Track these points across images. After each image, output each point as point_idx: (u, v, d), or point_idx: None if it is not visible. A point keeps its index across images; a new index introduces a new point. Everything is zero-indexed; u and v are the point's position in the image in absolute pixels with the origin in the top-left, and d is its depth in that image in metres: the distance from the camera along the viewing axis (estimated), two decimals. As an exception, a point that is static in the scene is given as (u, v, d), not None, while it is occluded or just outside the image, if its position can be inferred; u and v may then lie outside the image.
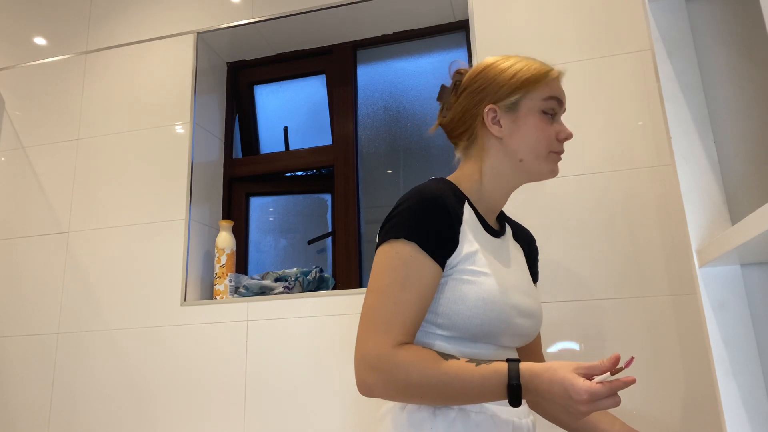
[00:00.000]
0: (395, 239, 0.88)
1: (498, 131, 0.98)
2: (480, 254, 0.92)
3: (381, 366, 0.83)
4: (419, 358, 0.83)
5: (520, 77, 0.98)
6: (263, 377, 1.62)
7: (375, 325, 0.85)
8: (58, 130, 2.04)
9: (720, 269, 0.79)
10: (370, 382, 0.84)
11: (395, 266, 0.87)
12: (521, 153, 0.98)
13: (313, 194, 2.14)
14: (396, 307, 0.85)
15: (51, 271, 1.90)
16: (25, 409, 1.80)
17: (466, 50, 1.99)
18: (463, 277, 0.90)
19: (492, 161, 1.00)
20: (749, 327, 0.76)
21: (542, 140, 0.97)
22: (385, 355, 0.83)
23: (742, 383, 0.73)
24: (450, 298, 0.89)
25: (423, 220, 0.88)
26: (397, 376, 0.82)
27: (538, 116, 0.98)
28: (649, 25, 0.91)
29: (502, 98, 0.98)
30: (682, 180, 0.83)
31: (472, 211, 0.97)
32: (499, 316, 0.90)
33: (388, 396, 0.85)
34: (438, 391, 0.83)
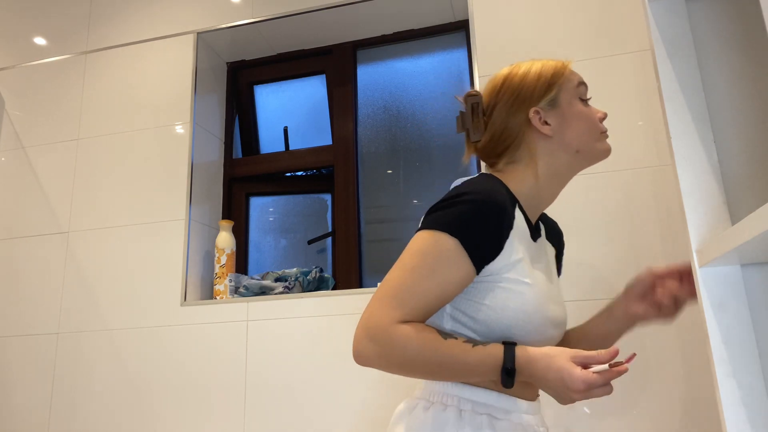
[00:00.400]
0: (440, 230, 0.87)
1: (549, 130, 0.97)
2: (524, 263, 0.91)
3: (379, 338, 0.83)
4: (418, 335, 0.83)
5: (546, 75, 0.99)
6: (263, 377, 1.62)
7: (387, 299, 0.85)
8: (58, 130, 2.04)
9: (720, 269, 0.79)
10: (366, 353, 0.84)
11: (429, 252, 0.86)
12: (576, 143, 0.98)
13: (313, 194, 2.14)
14: (414, 289, 0.85)
15: (51, 271, 1.89)
16: (25, 409, 1.80)
17: (466, 50, 1.99)
18: (506, 286, 0.89)
19: (546, 161, 0.99)
20: (749, 327, 0.76)
21: (591, 124, 0.99)
22: (385, 327, 0.83)
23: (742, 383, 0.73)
24: (491, 306, 0.89)
25: (476, 222, 0.87)
26: (394, 349, 0.83)
27: (579, 104, 0.99)
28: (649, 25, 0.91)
29: (540, 99, 0.98)
30: (682, 180, 0.83)
31: (522, 216, 0.96)
32: (537, 328, 0.90)
33: (383, 367, 0.86)
34: (432, 368, 0.84)
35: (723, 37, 0.88)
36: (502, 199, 0.89)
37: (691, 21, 0.90)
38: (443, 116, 2.00)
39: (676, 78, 0.88)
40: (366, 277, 1.93)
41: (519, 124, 0.99)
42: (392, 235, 1.96)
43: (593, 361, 0.80)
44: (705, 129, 0.85)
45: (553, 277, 1.03)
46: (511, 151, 1.00)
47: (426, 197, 1.97)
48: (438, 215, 0.89)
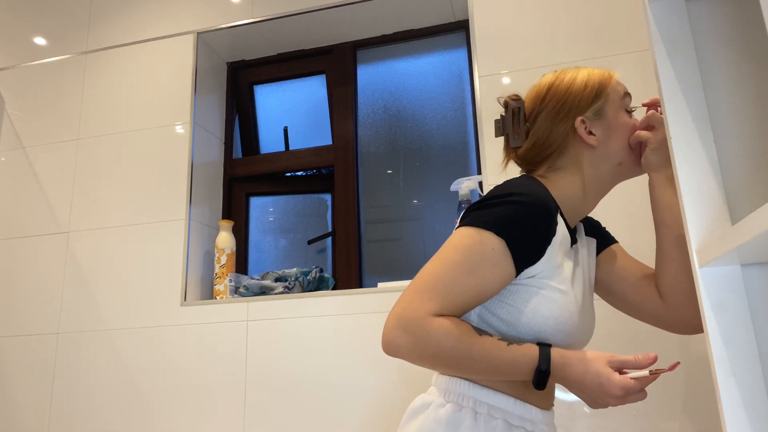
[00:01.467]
0: (485, 228, 0.85)
1: (594, 140, 0.97)
2: (559, 270, 0.90)
3: (414, 330, 0.82)
4: (454, 329, 0.82)
5: (593, 85, 0.98)
6: (263, 377, 1.62)
7: (425, 291, 0.83)
8: (58, 130, 2.04)
9: (720, 269, 0.79)
10: (398, 343, 0.82)
11: (473, 249, 0.84)
12: (620, 156, 0.98)
13: (313, 194, 2.14)
14: (453, 284, 0.84)
15: (51, 271, 1.89)
16: (25, 409, 1.80)
17: (466, 50, 1.99)
18: (540, 292, 0.88)
19: (591, 171, 0.98)
20: (749, 327, 0.76)
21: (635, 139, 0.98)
22: (421, 319, 0.82)
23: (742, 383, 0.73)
24: (522, 310, 0.88)
25: (524, 224, 0.86)
26: (429, 342, 0.81)
27: (624, 115, 0.99)
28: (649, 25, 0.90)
29: (586, 108, 0.97)
30: (682, 180, 0.83)
31: (564, 223, 0.94)
32: (566, 338, 0.90)
33: (413, 359, 0.85)
34: (466, 364, 0.83)
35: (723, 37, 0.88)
36: (550, 203, 0.89)
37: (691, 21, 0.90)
38: (443, 116, 2.00)
39: (676, 78, 0.87)
40: (366, 277, 1.93)
41: (564, 132, 0.97)
42: (392, 235, 1.96)
43: (630, 366, 0.80)
44: (705, 129, 0.85)
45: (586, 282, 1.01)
46: (553, 159, 0.99)
47: (426, 197, 1.97)
48: (484, 213, 0.87)
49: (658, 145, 0.95)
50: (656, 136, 0.95)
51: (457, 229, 0.90)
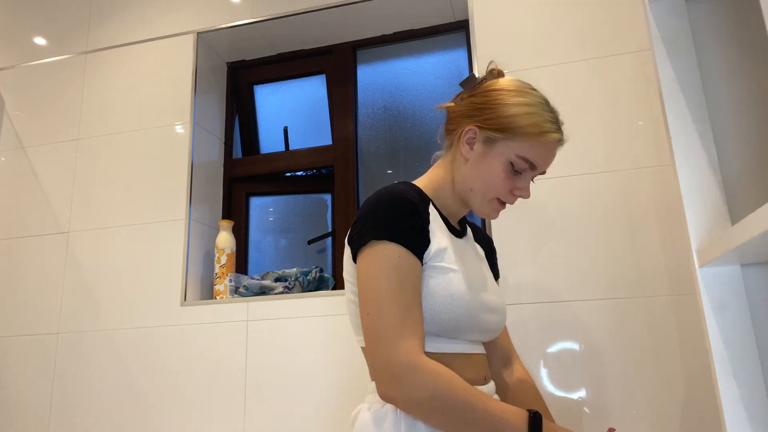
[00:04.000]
0: (377, 241, 0.87)
1: (467, 153, 0.98)
2: (448, 251, 0.93)
3: (406, 376, 0.81)
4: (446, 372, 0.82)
5: (513, 121, 0.95)
6: (263, 377, 1.62)
7: (389, 333, 0.83)
8: (58, 130, 2.04)
9: (720, 269, 0.79)
10: (390, 394, 0.83)
11: (387, 270, 0.85)
12: (473, 184, 0.98)
13: (313, 194, 2.14)
14: (402, 310, 0.84)
15: (51, 271, 1.89)
16: (25, 409, 1.80)
17: (466, 50, 1.99)
18: (432, 274, 0.90)
19: (459, 176, 1.00)
20: (749, 327, 0.76)
21: (494, 187, 0.97)
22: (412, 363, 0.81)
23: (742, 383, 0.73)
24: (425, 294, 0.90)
25: (399, 219, 0.88)
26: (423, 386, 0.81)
27: (504, 164, 0.96)
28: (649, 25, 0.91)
29: (488, 128, 0.96)
30: (682, 180, 0.83)
31: (437, 212, 0.99)
32: (468, 312, 0.92)
33: (407, 408, 0.84)
34: (459, 413, 0.81)
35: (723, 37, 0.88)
36: (410, 195, 0.91)
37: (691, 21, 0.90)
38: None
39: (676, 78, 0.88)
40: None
41: (460, 124, 1.00)
42: (392, 235, 1.96)
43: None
44: (705, 129, 0.86)
45: (486, 271, 1.05)
46: (449, 141, 1.02)
47: (426, 197, 1.96)
48: (365, 229, 0.89)
49: None
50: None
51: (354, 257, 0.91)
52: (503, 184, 0.96)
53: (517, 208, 1.52)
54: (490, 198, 0.98)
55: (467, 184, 0.99)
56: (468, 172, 0.98)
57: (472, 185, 0.98)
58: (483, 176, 0.97)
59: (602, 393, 1.37)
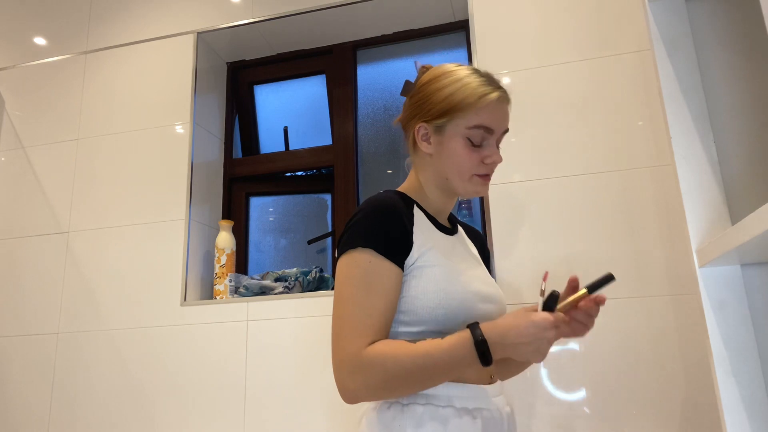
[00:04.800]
0: (352, 249, 0.91)
1: (427, 148, 1.01)
2: (434, 250, 0.95)
3: (358, 367, 0.85)
4: (390, 348, 0.85)
5: (449, 101, 0.98)
6: (263, 377, 1.62)
7: (346, 331, 0.87)
8: (58, 130, 2.04)
9: (720, 269, 0.79)
10: (352, 387, 0.85)
11: (355, 274, 0.89)
12: (446, 173, 1.01)
13: (313, 194, 2.14)
14: (363, 311, 0.87)
15: (51, 271, 1.89)
16: (25, 409, 1.80)
17: (466, 50, 1.99)
18: (419, 273, 0.92)
19: (427, 174, 1.03)
20: (749, 327, 0.76)
21: (464, 165, 0.99)
22: (358, 355, 0.85)
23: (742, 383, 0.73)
24: (412, 294, 0.92)
25: (375, 225, 0.92)
26: (376, 371, 0.84)
27: (461, 142, 0.98)
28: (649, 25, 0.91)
29: (432, 119, 0.99)
30: (682, 180, 0.83)
31: (422, 212, 1.01)
32: (462, 303, 0.92)
33: (373, 395, 0.88)
34: (415, 374, 0.85)
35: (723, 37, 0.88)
36: (390, 201, 0.94)
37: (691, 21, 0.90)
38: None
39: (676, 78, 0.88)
40: (366, 277, 1.93)
41: (411, 127, 1.03)
42: (392, 235, 1.96)
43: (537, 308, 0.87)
44: (705, 129, 0.86)
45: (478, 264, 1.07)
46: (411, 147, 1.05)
47: (426, 197, 1.97)
48: (345, 240, 0.93)
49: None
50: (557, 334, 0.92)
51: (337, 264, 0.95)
52: (470, 159, 0.98)
53: (518, 208, 1.52)
54: (468, 177, 0.99)
55: (442, 175, 1.01)
56: (436, 164, 1.01)
57: (446, 174, 1.01)
58: (450, 161, 0.99)
59: (602, 393, 1.37)
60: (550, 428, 1.38)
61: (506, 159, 1.57)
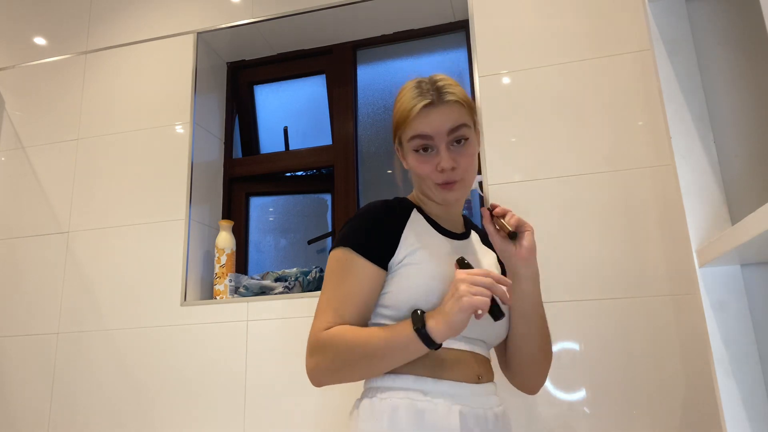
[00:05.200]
0: (335, 248, 0.99)
1: (405, 165, 1.07)
2: (423, 250, 0.98)
3: (315, 347, 0.93)
4: (342, 330, 0.92)
5: (395, 120, 1.05)
6: (263, 377, 1.62)
7: (318, 315, 0.96)
8: (58, 130, 2.04)
9: (720, 269, 0.79)
10: (310, 366, 0.95)
11: (333, 269, 0.99)
12: (419, 185, 1.07)
13: (313, 194, 2.14)
14: (332, 300, 0.96)
15: (51, 271, 1.89)
16: (25, 408, 1.80)
17: (466, 50, 1.99)
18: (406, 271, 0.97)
19: (416, 185, 1.09)
20: (749, 327, 0.76)
21: (423, 175, 1.02)
22: (317, 336, 0.93)
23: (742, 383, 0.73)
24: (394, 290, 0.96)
25: (360, 228, 0.99)
26: (327, 352, 0.92)
27: (413, 155, 1.03)
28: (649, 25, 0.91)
29: (394, 138, 1.07)
30: (682, 180, 0.83)
31: (422, 216, 1.05)
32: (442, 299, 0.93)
33: (329, 376, 0.95)
34: (362, 354, 0.91)
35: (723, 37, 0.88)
36: (380, 206, 1.02)
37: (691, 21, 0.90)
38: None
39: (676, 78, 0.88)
40: (366, 277, 1.93)
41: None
42: (392, 235, 1.96)
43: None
44: (705, 129, 0.86)
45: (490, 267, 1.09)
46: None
47: (426, 197, 1.97)
48: (338, 236, 1.01)
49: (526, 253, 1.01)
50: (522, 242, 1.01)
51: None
52: (423, 168, 1.02)
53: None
54: (432, 186, 1.02)
55: (419, 188, 1.07)
56: (413, 178, 1.08)
57: (419, 186, 1.07)
58: (414, 175, 1.06)
59: (602, 393, 1.37)
60: (550, 428, 1.38)
61: (506, 159, 1.57)
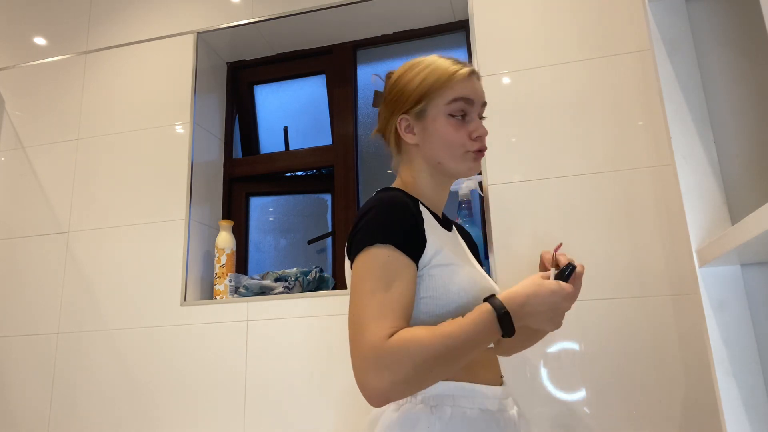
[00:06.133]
0: (370, 246, 0.88)
1: (412, 139, 1.02)
2: (446, 250, 0.94)
3: (382, 360, 0.79)
4: (411, 334, 0.81)
5: (423, 85, 1.00)
6: (263, 377, 1.62)
7: (366, 327, 0.83)
8: (58, 130, 2.04)
9: (720, 269, 0.79)
10: (379, 385, 0.79)
11: (374, 270, 0.86)
12: (437, 156, 1.01)
13: (313, 194, 2.14)
14: (383, 306, 0.84)
15: (51, 271, 1.89)
16: (25, 409, 1.80)
17: (466, 50, 1.99)
18: (439, 273, 0.91)
19: (417, 165, 1.04)
20: (749, 327, 0.76)
21: (453, 143, 0.99)
22: (381, 347, 0.80)
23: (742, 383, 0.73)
24: (432, 296, 0.91)
25: (392, 222, 0.90)
26: (402, 362, 0.79)
27: (444, 120, 0.99)
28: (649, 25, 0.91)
29: (411, 107, 1.01)
30: (682, 180, 0.83)
31: (426, 210, 1.00)
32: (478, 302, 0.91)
33: (404, 390, 0.82)
34: (444, 356, 0.81)
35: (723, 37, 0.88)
36: (402, 198, 0.94)
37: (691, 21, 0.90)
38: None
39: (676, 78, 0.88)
40: (366, 277, 1.93)
41: (393, 124, 1.04)
42: (392, 235, 1.96)
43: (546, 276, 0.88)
44: (705, 129, 0.86)
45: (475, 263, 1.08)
46: (395, 148, 1.07)
47: (426, 197, 1.96)
48: (360, 237, 0.90)
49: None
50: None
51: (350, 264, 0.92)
52: (458, 134, 0.99)
53: (517, 208, 1.52)
54: (460, 154, 1.00)
55: (433, 160, 1.01)
56: (425, 151, 1.01)
57: (437, 158, 1.01)
58: (438, 142, 1.00)
59: (602, 393, 1.37)
60: (550, 428, 1.38)
61: (506, 159, 1.57)
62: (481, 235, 1.64)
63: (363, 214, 0.93)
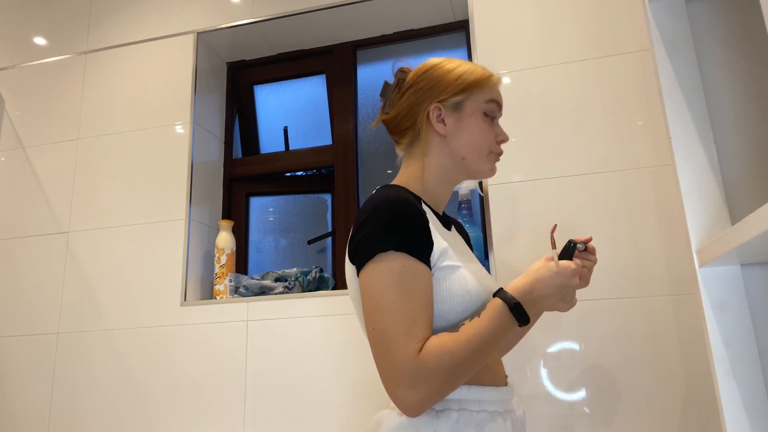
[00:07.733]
0: (382, 253, 0.86)
1: (442, 129, 1.01)
2: (450, 250, 0.94)
3: (418, 375, 0.81)
4: (440, 345, 0.82)
5: (465, 79, 1.01)
6: (263, 377, 1.62)
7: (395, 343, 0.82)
8: (58, 130, 2.04)
9: (720, 269, 0.79)
10: (416, 398, 0.81)
11: (391, 281, 0.85)
12: (464, 151, 1.01)
13: (313, 194, 2.14)
14: (407, 319, 0.83)
15: (51, 271, 1.89)
16: (25, 409, 1.80)
17: (466, 50, 1.99)
18: (442, 275, 0.91)
19: (435, 157, 1.03)
20: (749, 327, 0.76)
21: (484, 140, 1.01)
22: (415, 363, 0.81)
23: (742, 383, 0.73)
24: (438, 298, 0.90)
25: (402, 226, 0.88)
26: (437, 375, 0.81)
27: (480, 117, 1.01)
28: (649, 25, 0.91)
29: (448, 97, 1.01)
30: (682, 180, 0.83)
31: (429, 209, 1.00)
32: (485, 304, 0.92)
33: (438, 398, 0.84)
34: (471, 359, 0.84)
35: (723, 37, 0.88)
36: (407, 199, 0.92)
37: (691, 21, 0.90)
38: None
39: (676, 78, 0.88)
40: (366, 277, 1.93)
41: (419, 112, 1.03)
42: (392, 235, 1.96)
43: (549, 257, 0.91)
44: (705, 129, 0.86)
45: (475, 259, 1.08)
46: (409, 138, 1.05)
47: (426, 197, 1.96)
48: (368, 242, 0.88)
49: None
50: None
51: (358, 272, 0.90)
52: (488, 134, 1.02)
53: (517, 208, 1.52)
54: (486, 154, 1.02)
55: (457, 155, 1.02)
56: (452, 144, 1.01)
57: (462, 153, 1.01)
58: (469, 138, 1.01)
59: (602, 393, 1.37)
60: (550, 428, 1.38)
61: (506, 159, 1.57)
62: (481, 235, 1.64)
63: (368, 215, 0.90)
